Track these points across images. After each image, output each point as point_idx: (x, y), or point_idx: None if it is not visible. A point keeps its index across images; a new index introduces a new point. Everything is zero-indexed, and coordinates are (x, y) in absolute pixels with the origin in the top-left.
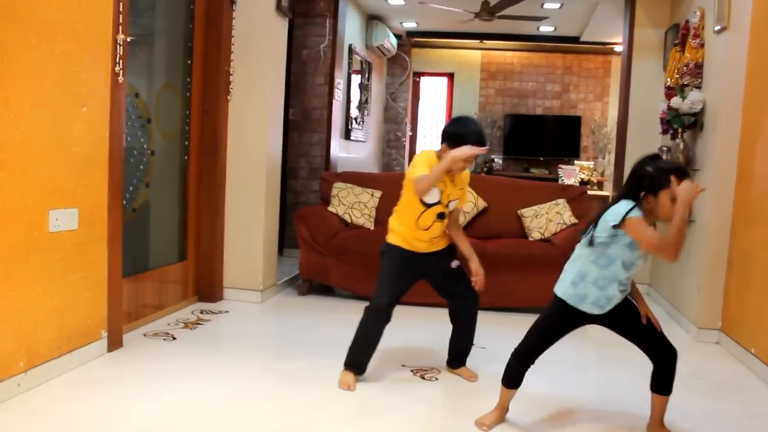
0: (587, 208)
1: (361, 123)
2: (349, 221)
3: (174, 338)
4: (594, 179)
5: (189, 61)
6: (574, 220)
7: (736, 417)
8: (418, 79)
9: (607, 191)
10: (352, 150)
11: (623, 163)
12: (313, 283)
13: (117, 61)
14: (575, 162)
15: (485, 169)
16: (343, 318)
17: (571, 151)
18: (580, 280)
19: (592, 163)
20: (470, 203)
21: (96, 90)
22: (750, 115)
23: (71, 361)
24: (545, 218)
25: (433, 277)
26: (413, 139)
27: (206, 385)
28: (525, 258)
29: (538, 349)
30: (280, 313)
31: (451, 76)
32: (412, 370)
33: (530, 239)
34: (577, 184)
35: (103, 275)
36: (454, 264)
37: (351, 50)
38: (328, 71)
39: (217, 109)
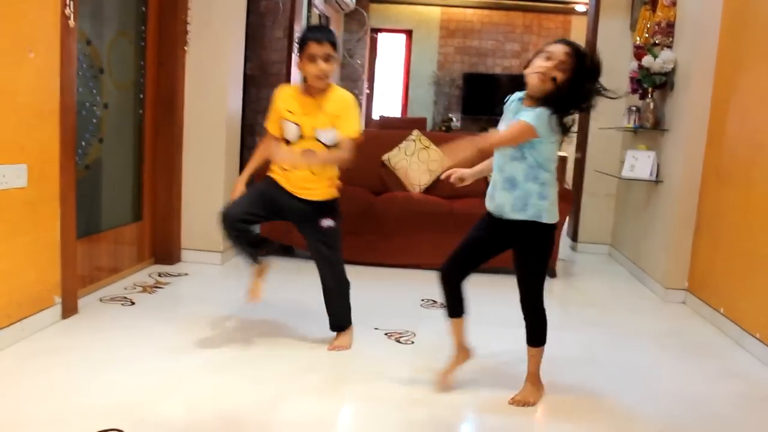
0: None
1: None
2: None
3: (132, 303)
4: None
5: (143, 8)
6: None
7: (711, 376)
8: (375, 36)
9: (565, 151)
10: None
11: (588, 122)
12: (273, 244)
13: (67, 2)
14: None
15: (443, 128)
16: (307, 280)
17: None
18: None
19: None
20: (435, 162)
21: (44, 34)
22: (723, 75)
23: (23, 329)
24: None
25: (300, 227)
26: (370, 97)
27: (172, 354)
28: None
29: (456, 256)
30: (242, 276)
31: (409, 33)
32: (386, 333)
33: None
34: None
35: (56, 237)
36: (325, 224)
37: (310, 3)
38: (287, 24)
39: (173, 60)
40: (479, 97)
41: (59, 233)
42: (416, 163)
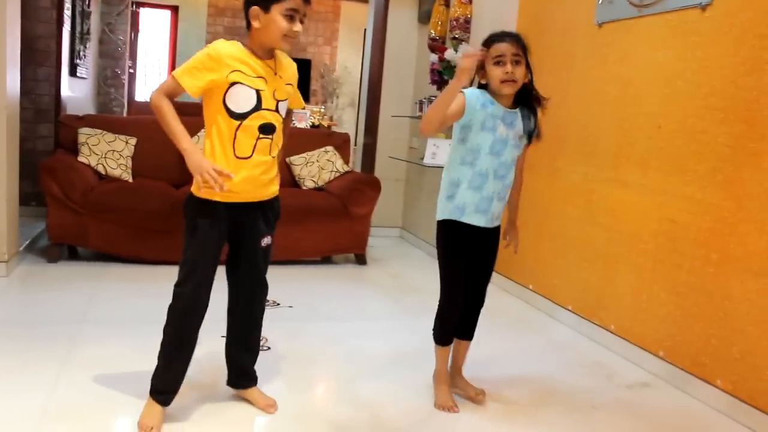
0: (350, 154)
1: (84, 57)
2: (104, 173)
3: None
4: (324, 123)
5: None
6: (346, 167)
7: (542, 349)
8: (137, 11)
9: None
10: (76, 89)
11: (378, 110)
12: (63, 248)
13: None
14: (305, 106)
15: None
16: (121, 287)
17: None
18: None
19: (323, 107)
20: None
21: None
22: None
23: None
24: (317, 166)
25: (240, 247)
26: (133, 77)
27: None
28: (305, 209)
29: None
30: (40, 289)
31: (175, 10)
32: None
33: (303, 188)
34: (309, 128)
35: None
36: (266, 242)
37: None
38: None
39: None
40: None
41: None
42: None
